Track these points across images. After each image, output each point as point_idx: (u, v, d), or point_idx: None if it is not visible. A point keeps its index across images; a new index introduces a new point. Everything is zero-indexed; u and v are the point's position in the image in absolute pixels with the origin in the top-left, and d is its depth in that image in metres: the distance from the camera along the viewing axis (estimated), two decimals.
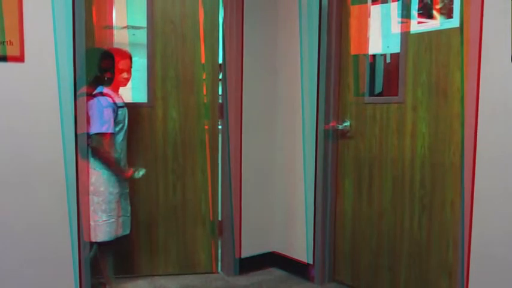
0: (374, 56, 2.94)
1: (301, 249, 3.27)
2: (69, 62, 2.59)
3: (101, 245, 2.84)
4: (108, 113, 2.75)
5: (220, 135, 3.32)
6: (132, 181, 3.03)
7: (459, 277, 2.42)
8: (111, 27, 3.07)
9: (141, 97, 3.15)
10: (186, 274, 3.28)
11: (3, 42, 2.40)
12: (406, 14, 2.72)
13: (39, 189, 2.55)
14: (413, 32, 2.68)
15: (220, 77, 3.29)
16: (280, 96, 3.41)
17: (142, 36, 3.10)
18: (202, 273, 3.31)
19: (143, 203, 3.16)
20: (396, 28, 2.77)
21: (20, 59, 2.46)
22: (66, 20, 2.57)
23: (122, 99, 2.89)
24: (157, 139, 3.16)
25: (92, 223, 2.78)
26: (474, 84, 2.31)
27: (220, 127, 3.32)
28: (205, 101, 3.24)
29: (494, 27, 2.23)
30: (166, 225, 3.23)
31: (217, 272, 3.35)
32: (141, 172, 2.91)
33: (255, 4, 3.27)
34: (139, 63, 3.14)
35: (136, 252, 3.18)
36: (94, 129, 2.74)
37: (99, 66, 2.84)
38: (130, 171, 2.90)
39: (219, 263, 3.38)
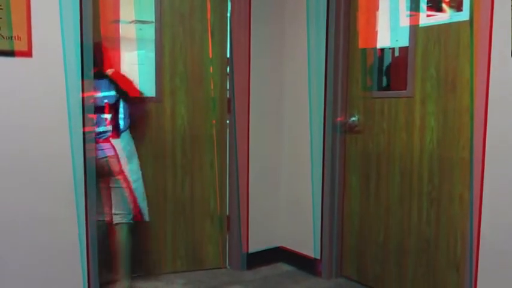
0: (382, 49, 2.92)
1: (308, 244, 3.27)
2: (77, 57, 2.60)
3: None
4: None
5: (228, 130, 3.32)
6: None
7: (467, 272, 2.41)
8: (118, 21, 3.07)
9: (149, 91, 3.15)
10: (194, 270, 3.28)
11: (11, 37, 2.41)
12: (415, 7, 2.69)
13: (47, 184, 2.56)
14: (422, 25, 2.65)
15: (228, 71, 3.28)
16: (288, 91, 3.39)
17: (149, 31, 3.10)
18: (210, 269, 3.32)
19: (151, 199, 3.15)
20: (405, 21, 2.75)
21: (28, 54, 2.46)
22: (73, 15, 2.57)
23: None
24: (165, 134, 3.16)
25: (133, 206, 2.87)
26: (484, 77, 2.28)
27: (228, 122, 3.32)
28: (213, 95, 3.24)
29: (505, 20, 2.19)
30: (174, 221, 3.23)
31: (225, 267, 3.36)
32: None
33: None
34: (147, 57, 3.14)
35: (144, 249, 3.18)
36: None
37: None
38: None
39: (227, 258, 3.38)
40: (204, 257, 3.33)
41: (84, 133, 2.65)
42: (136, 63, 3.31)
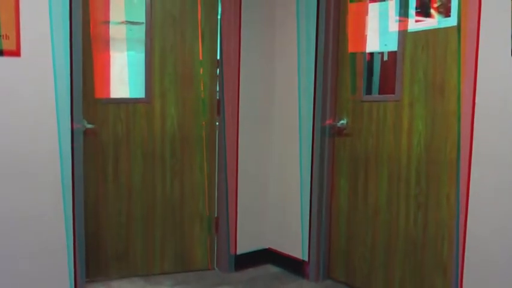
0: (371, 54, 2.94)
1: (296, 246, 3.28)
2: (66, 57, 2.59)
3: None
4: None
5: (217, 132, 3.31)
6: (128, 178, 3.03)
7: (453, 274, 2.44)
8: (108, 22, 3.06)
9: (139, 92, 3.14)
10: (182, 272, 3.26)
11: None
12: (404, 12, 2.73)
13: (35, 182, 2.54)
14: (410, 31, 2.68)
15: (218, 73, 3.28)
16: (277, 93, 3.41)
17: (139, 32, 3.09)
18: (198, 270, 3.31)
19: (140, 201, 3.13)
20: (394, 26, 2.78)
21: (16, 53, 2.44)
22: (62, 14, 2.56)
23: None
24: (155, 135, 3.15)
25: None
26: (471, 82, 2.32)
27: (217, 123, 3.31)
28: (203, 97, 3.24)
29: (492, 26, 2.24)
30: (163, 223, 3.21)
31: (213, 269, 3.35)
32: None
33: (252, 1, 3.26)
34: (137, 58, 3.13)
35: (132, 251, 3.16)
36: None
37: None
38: None
39: (215, 260, 3.37)
40: (192, 259, 3.32)
41: (72, 131, 2.64)
42: (126, 64, 3.29)
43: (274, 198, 3.46)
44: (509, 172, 2.22)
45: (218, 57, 3.24)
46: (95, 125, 2.93)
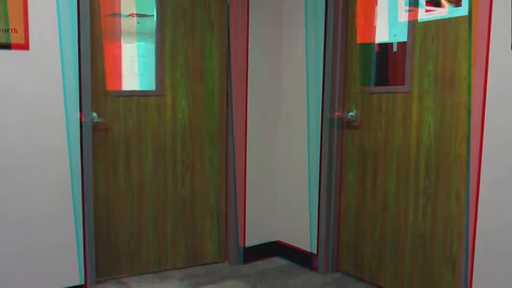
0: (380, 44, 2.90)
1: (305, 239, 3.27)
2: (74, 50, 2.61)
3: None
4: None
5: (226, 125, 3.31)
6: (139, 172, 3.03)
7: (463, 269, 2.41)
8: (118, 14, 3.06)
9: (149, 85, 3.14)
10: (194, 266, 3.26)
11: (8, 29, 2.41)
12: (413, 2, 2.68)
13: (44, 178, 2.57)
14: (420, 21, 2.63)
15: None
16: (286, 86, 3.38)
17: (149, 24, 3.09)
18: (207, 264, 3.31)
19: (151, 195, 3.13)
20: (403, 16, 2.73)
21: (25, 46, 2.47)
22: (70, 7, 2.57)
23: None
24: (166, 129, 3.14)
25: None
26: (482, 73, 2.27)
27: (226, 116, 3.31)
28: (213, 90, 3.23)
29: (504, 16, 2.18)
30: (174, 217, 3.20)
31: (223, 262, 3.36)
32: None
33: None
34: (147, 48, 3.11)
35: (144, 246, 3.14)
36: None
37: None
38: None
39: (223, 253, 3.38)
40: (203, 252, 3.32)
41: (81, 125, 2.66)
42: (136, 57, 3.28)
43: (282, 190, 3.45)
44: None
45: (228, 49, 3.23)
46: (106, 118, 2.93)
